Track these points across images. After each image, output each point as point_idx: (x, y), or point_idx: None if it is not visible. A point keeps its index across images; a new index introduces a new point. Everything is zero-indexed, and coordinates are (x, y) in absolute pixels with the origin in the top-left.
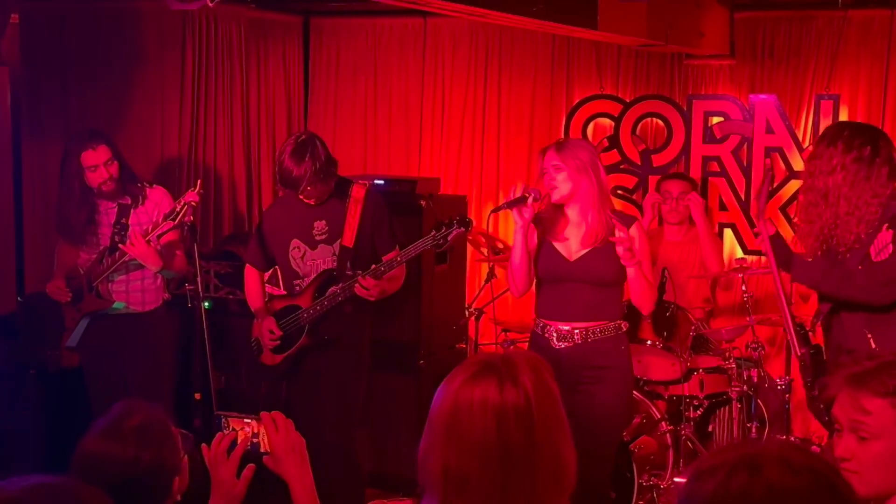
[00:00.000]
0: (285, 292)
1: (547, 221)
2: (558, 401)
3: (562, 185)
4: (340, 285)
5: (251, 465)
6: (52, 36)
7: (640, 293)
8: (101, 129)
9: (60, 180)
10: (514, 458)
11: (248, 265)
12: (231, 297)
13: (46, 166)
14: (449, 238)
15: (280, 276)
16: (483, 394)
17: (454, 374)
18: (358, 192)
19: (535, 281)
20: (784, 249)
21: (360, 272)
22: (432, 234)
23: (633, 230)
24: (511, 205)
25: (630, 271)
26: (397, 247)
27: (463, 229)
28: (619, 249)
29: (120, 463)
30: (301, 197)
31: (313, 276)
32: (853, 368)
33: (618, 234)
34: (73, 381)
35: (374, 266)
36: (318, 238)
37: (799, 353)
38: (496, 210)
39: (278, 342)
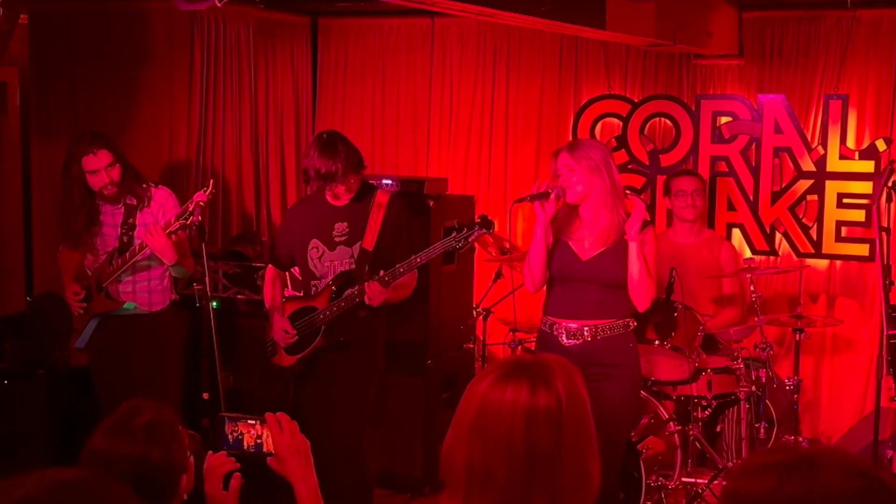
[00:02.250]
0: (300, 293)
1: (562, 221)
2: (588, 409)
3: (575, 186)
4: (357, 287)
5: (237, 476)
6: (61, 36)
7: (639, 280)
8: (106, 130)
9: (62, 184)
10: (540, 459)
11: (269, 264)
12: (239, 296)
13: (55, 166)
14: (470, 239)
15: (289, 277)
16: (514, 394)
17: (484, 374)
18: (382, 198)
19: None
20: None
21: (376, 276)
22: (453, 234)
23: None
24: (535, 198)
25: (632, 248)
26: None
27: (485, 231)
28: (629, 224)
29: (128, 460)
30: (337, 191)
31: (330, 277)
32: None
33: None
34: (82, 381)
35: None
36: (337, 239)
37: (888, 334)
38: (519, 201)
39: (295, 339)
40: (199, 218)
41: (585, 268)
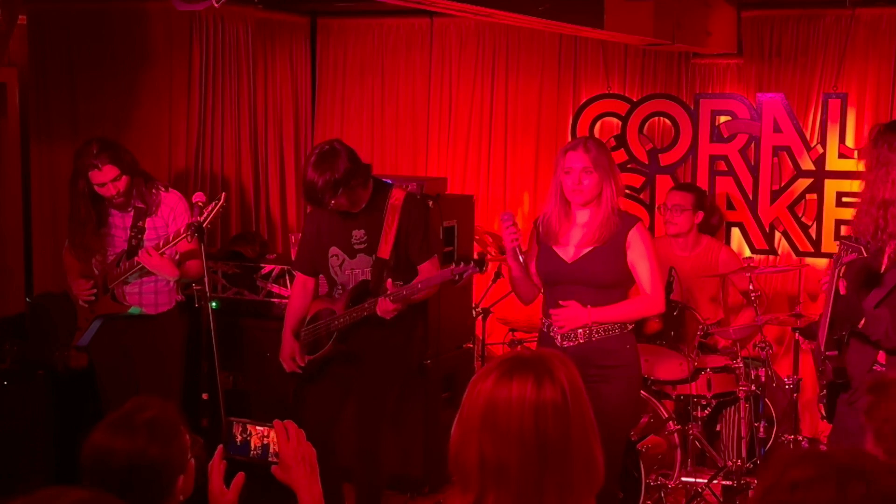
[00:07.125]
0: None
1: (545, 225)
2: (587, 399)
3: (588, 190)
4: (369, 301)
5: (241, 474)
6: (60, 36)
7: (632, 318)
8: (106, 131)
9: (69, 197)
10: (551, 451)
11: (296, 271)
12: (238, 297)
13: (54, 167)
14: (465, 276)
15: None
16: (520, 389)
17: (486, 370)
18: (396, 199)
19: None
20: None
21: (383, 293)
22: (451, 267)
23: (634, 232)
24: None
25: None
26: (435, 256)
27: (478, 270)
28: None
29: (126, 454)
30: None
31: (352, 286)
32: None
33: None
34: (82, 382)
35: (392, 290)
36: (356, 247)
37: (825, 356)
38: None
39: (299, 371)
40: (199, 218)
41: (571, 270)
